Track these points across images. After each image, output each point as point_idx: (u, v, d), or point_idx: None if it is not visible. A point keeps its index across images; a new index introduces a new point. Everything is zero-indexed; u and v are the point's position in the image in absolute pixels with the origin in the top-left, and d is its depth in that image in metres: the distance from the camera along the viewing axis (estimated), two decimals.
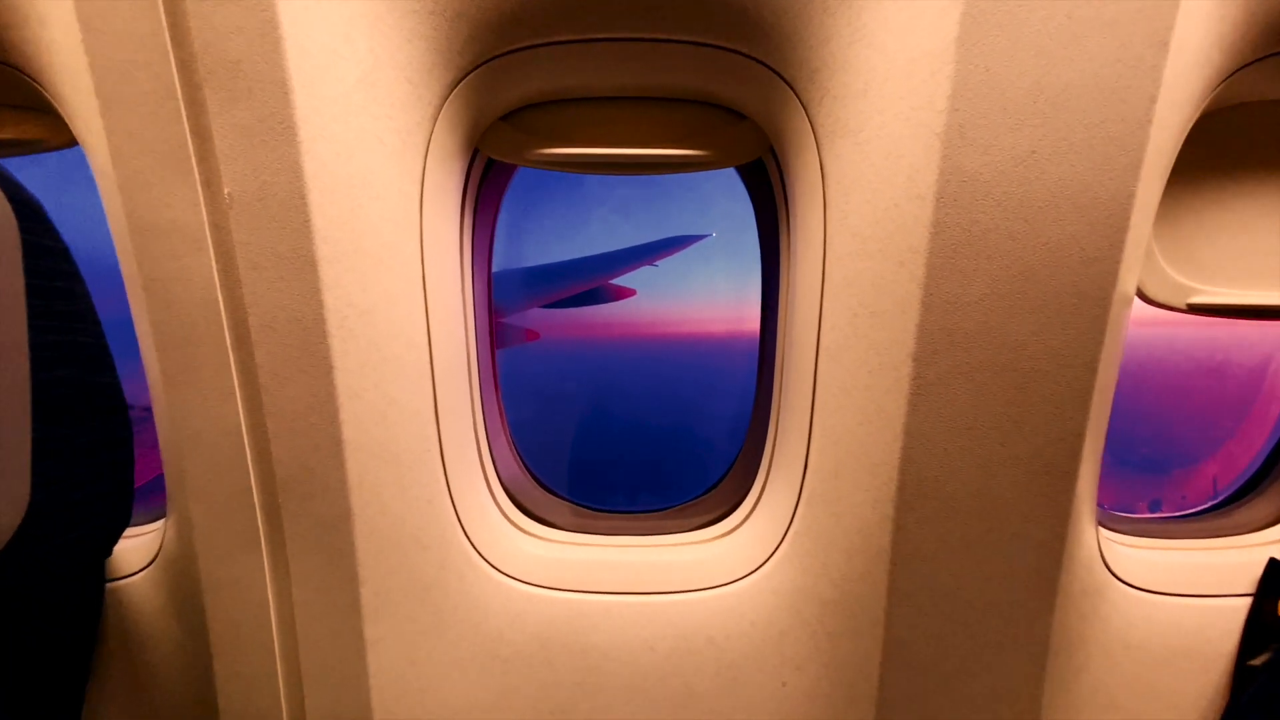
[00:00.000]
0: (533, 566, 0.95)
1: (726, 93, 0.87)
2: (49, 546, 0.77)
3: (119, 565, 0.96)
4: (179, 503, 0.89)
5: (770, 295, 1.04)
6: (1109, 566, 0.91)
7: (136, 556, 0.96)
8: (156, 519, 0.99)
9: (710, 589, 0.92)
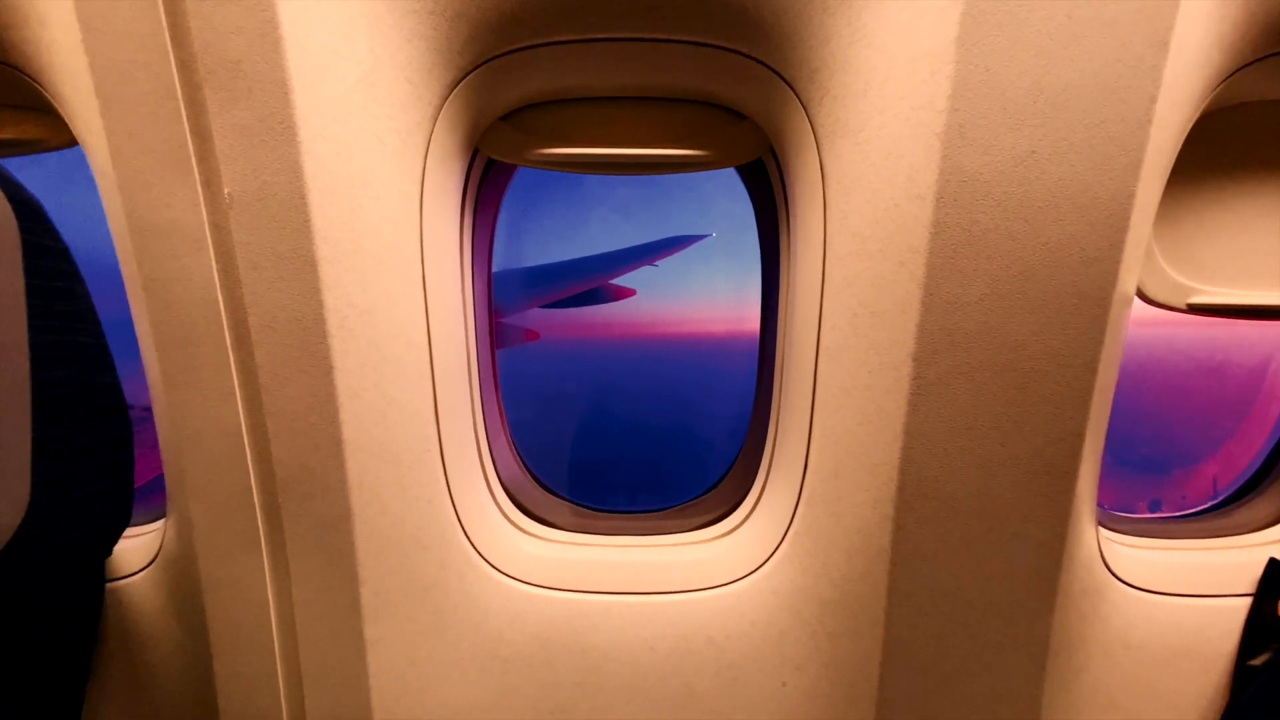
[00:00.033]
0: (533, 566, 0.95)
1: (726, 93, 0.87)
2: (49, 546, 0.77)
3: (119, 565, 0.96)
4: (179, 503, 0.89)
5: (770, 295, 1.04)
6: (1109, 566, 0.91)
7: (136, 556, 0.96)
8: (156, 519, 0.99)
9: (710, 589, 0.92)
